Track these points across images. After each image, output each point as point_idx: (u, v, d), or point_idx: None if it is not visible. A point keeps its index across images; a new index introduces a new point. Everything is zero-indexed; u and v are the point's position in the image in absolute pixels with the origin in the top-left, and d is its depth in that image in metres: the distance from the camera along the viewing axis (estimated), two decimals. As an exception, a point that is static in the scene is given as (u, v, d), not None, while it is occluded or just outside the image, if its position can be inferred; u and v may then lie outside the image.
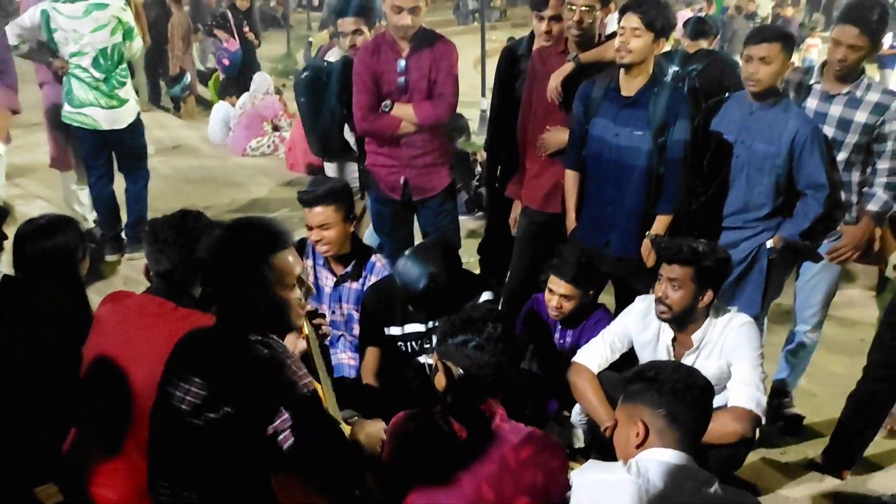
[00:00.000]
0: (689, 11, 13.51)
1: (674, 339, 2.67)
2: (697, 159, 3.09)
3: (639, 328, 2.75)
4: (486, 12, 13.11)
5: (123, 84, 4.60)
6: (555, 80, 3.18)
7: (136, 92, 5.02)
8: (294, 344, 2.13)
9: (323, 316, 2.32)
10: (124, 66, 4.63)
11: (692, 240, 2.55)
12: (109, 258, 4.85)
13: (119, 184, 4.94)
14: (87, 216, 5.15)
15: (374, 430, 1.97)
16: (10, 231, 2.74)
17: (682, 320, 2.60)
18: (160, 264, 2.16)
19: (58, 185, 5.41)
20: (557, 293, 2.98)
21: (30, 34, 4.39)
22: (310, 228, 2.95)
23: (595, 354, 2.76)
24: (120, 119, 4.62)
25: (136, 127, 4.75)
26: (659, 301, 2.58)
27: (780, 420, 3.52)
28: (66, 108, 4.53)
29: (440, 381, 1.99)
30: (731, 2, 15.22)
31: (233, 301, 1.80)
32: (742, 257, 3.12)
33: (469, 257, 4.62)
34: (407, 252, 2.81)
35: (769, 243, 3.10)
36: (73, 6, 4.35)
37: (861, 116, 3.08)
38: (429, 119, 3.32)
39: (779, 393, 3.56)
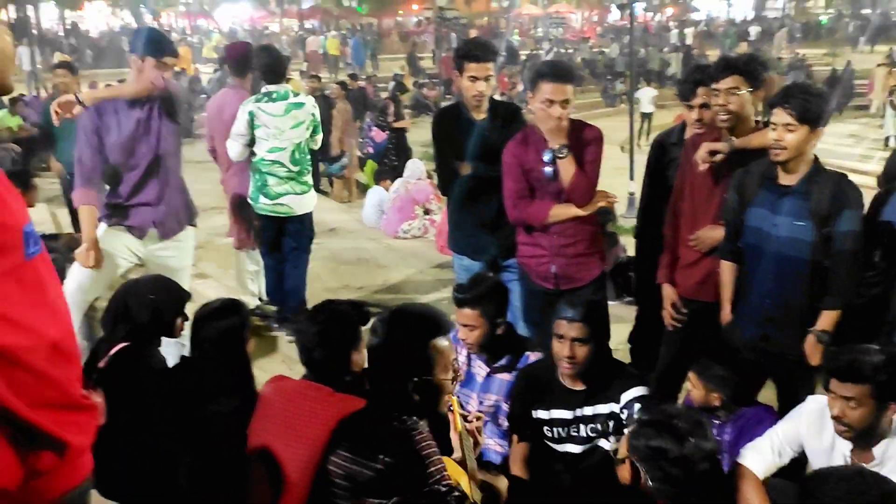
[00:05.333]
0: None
1: (852, 450, 2.45)
2: (868, 251, 2.90)
3: (811, 433, 2.53)
4: (633, 94, 13.14)
5: (309, 171, 4.98)
6: (704, 149, 3.10)
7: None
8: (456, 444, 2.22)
9: (479, 419, 2.39)
10: (309, 156, 4.99)
11: (863, 349, 2.34)
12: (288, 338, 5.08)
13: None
14: (259, 293, 5.52)
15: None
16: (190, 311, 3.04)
17: (867, 436, 2.38)
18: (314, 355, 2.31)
19: (227, 263, 5.86)
20: (695, 389, 2.90)
21: (245, 138, 4.78)
22: (460, 325, 3.05)
23: (762, 458, 2.56)
24: (308, 203, 4.99)
25: (312, 212, 5.13)
26: (836, 420, 2.36)
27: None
28: (263, 200, 4.87)
29: (623, 475, 1.96)
30: None
31: (394, 383, 1.92)
32: (921, 355, 2.84)
33: (617, 344, 4.52)
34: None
35: (953, 340, 2.83)
36: (275, 105, 4.73)
37: None
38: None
39: None
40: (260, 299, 5.54)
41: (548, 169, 3.25)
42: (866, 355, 2.30)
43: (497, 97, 4.07)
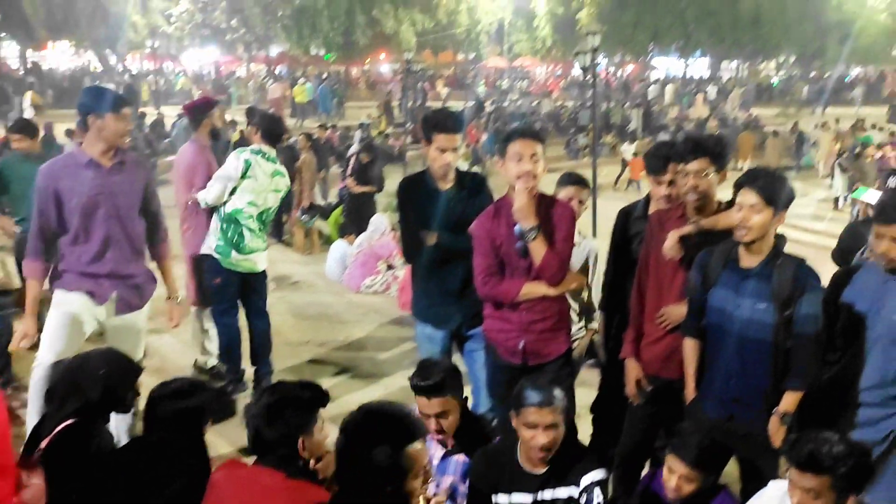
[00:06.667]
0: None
1: None
2: (828, 330, 2.94)
3: None
4: (596, 148, 13.37)
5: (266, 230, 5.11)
6: (672, 240, 3.14)
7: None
8: None
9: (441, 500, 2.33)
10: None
11: (823, 438, 2.34)
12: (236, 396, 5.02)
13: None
14: (214, 352, 5.40)
15: None
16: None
17: None
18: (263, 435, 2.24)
19: (187, 320, 5.70)
20: (677, 474, 2.79)
21: (233, 184, 4.77)
22: (426, 416, 2.96)
23: None
24: (265, 260, 5.09)
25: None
26: None
27: None
28: (235, 255, 4.84)
29: None
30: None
31: (363, 487, 1.86)
32: (881, 438, 2.88)
33: (579, 409, 4.48)
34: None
35: (913, 424, 2.85)
36: (268, 164, 4.85)
37: None
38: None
39: None
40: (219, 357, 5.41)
41: (519, 243, 3.24)
42: (826, 445, 2.29)
43: (464, 148, 4.09)
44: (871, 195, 7.52)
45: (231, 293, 4.99)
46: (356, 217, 9.53)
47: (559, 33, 40.31)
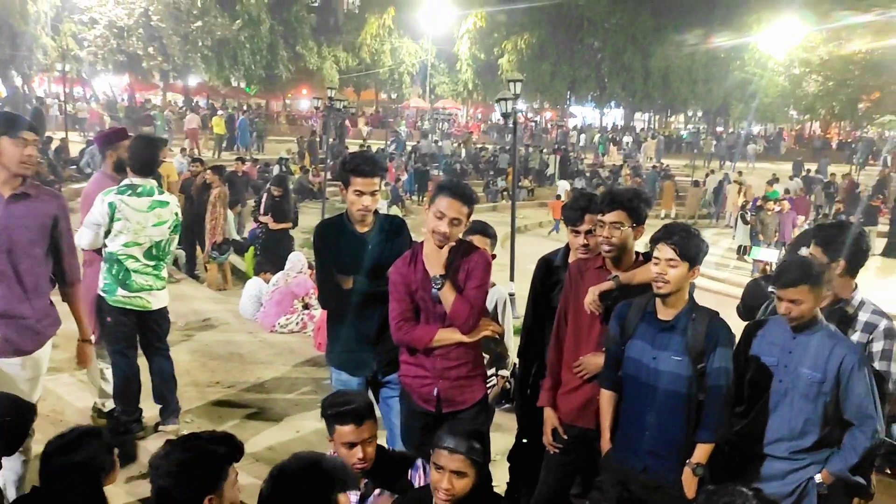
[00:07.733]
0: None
1: None
2: (738, 381, 3.01)
3: None
4: (515, 191, 13.61)
5: (165, 266, 4.79)
6: (592, 295, 3.19)
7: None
8: None
9: None
10: (168, 253, 4.80)
11: (739, 492, 2.35)
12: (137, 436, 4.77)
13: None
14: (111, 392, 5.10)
15: None
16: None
17: None
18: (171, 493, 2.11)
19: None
20: None
21: (102, 229, 4.49)
22: (352, 444, 2.87)
23: None
24: (164, 298, 4.76)
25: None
26: None
27: None
28: (122, 292, 4.55)
29: None
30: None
31: None
32: (789, 491, 2.95)
33: (494, 454, 4.45)
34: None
35: (818, 477, 2.94)
36: (140, 200, 4.51)
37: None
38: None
39: None
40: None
41: (435, 290, 3.21)
42: (740, 499, 2.32)
43: (384, 186, 4.06)
44: (765, 253, 7.98)
45: (125, 333, 4.70)
46: (272, 254, 9.31)
47: (480, 78, 41.21)
